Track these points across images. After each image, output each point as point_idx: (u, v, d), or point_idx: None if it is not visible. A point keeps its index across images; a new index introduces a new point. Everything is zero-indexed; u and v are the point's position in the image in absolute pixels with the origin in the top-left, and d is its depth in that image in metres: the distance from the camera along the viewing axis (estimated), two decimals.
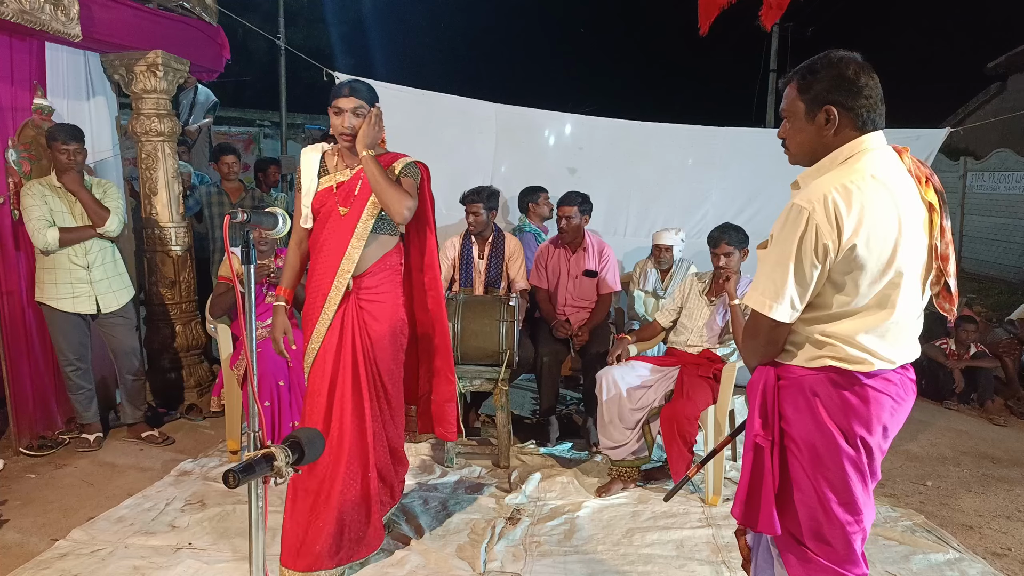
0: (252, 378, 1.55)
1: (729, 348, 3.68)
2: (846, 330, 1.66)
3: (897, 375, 1.72)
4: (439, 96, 5.19)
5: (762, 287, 1.68)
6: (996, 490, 3.71)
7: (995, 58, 13.78)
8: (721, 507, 3.35)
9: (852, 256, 1.59)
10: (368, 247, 2.62)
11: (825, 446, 1.70)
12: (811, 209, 1.58)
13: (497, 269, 4.41)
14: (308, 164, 2.71)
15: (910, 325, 1.72)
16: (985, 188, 10.89)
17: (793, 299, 1.64)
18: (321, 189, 2.66)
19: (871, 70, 1.68)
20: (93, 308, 3.84)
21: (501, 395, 3.78)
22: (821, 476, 1.71)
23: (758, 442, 1.77)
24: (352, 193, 2.62)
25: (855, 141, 1.67)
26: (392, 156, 2.70)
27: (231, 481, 1.42)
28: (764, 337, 1.73)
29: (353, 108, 2.57)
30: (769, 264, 1.67)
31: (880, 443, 1.72)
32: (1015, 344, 5.42)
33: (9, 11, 3.31)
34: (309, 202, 2.69)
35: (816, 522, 1.73)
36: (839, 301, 1.65)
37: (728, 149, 5.33)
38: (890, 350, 1.68)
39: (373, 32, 21.24)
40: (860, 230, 1.57)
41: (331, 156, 2.71)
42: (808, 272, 1.61)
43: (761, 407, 1.78)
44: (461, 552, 2.91)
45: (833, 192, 1.58)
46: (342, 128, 2.57)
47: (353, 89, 2.59)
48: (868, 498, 1.75)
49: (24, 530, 3.03)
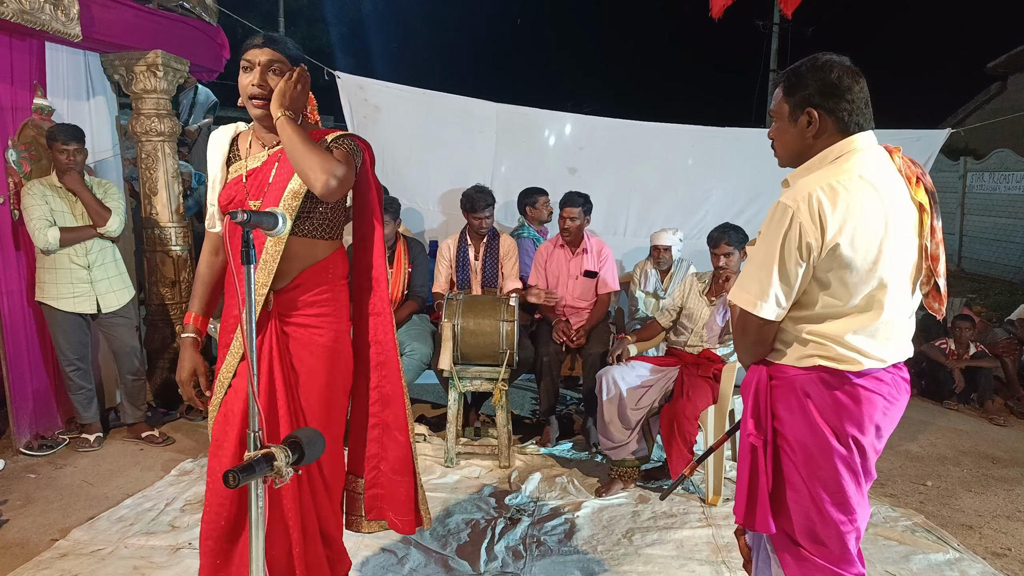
0: (252, 378, 1.54)
1: (729, 348, 3.68)
2: (835, 330, 1.67)
3: (889, 374, 1.72)
4: (439, 96, 5.20)
5: (748, 285, 1.69)
6: (996, 490, 3.71)
7: (995, 58, 13.79)
8: (721, 507, 3.35)
9: (836, 255, 1.60)
10: (291, 252, 1.96)
11: (817, 446, 1.70)
12: (795, 207, 1.60)
13: (493, 268, 4.42)
14: (215, 148, 2.08)
15: (901, 325, 1.72)
16: (985, 188, 10.89)
17: (778, 297, 1.65)
18: (230, 180, 2.04)
19: (857, 74, 1.69)
20: (93, 308, 3.84)
21: (501, 395, 3.78)
22: (814, 476, 1.71)
23: (752, 442, 1.78)
24: (265, 182, 1.98)
25: (845, 141, 1.68)
26: (324, 131, 2.08)
27: (231, 481, 1.41)
28: (752, 335, 1.74)
29: (267, 62, 1.92)
30: (755, 262, 1.69)
31: (873, 443, 1.72)
32: (1015, 344, 5.41)
33: (9, 11, 3.31)
34: (215, 198, 2.06)
35: (810, 521, 1.74)
36: (826, 301, 1.66)
37: (728, 149, 5.34)
38: (880, 349, 1.68)
39: (373, 32, 21.26)
40: (844, 229, 1.58)
41: (245, 137, 2.08)
42: (792, 270, 1.63)
43: (754, 407, 1.79)
44: (461, 552, 2.91)
45: (818, 191, 1.59)
46: (251, 88, 1.92)
47: (270, 39, 1.97)
48: (862, 498, 1.75)
49: (24, 530, 3.03)
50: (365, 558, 2.81)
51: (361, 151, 2.05)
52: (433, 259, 4.60)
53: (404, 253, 4.23)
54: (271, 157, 2.00)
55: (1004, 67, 13.75)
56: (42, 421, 3.96)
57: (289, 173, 1.93)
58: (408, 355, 3.99)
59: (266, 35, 1.98)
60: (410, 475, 2.18)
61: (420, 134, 5.18)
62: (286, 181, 1.94)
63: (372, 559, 2.80)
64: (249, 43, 1.97)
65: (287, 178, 1.94)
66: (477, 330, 3.83)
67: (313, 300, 2.02)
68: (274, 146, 2.00)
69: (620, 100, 17.18)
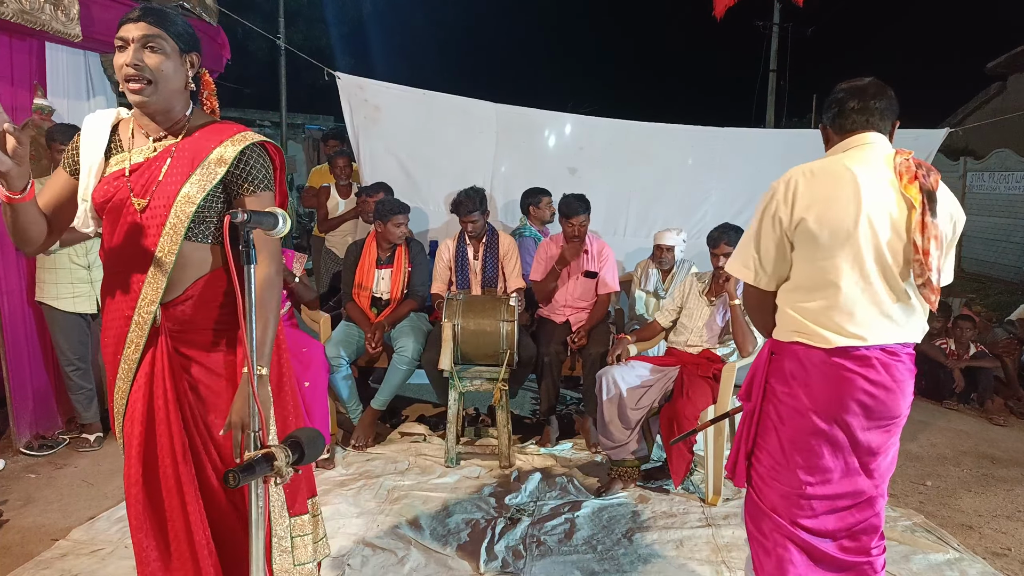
0: (252, 378, 1.54)
1: (729, 348, 3.68)
2: (812, 306, 1.84)
3: (876, 357, 1.81)
4: (439, 96, 5.20)
5: (737, 253, 1.98)
6: (996, 490, 3.71)
7: (995, 58, 13.78)
8: (721, 507, 3.35)
9: (804, 229, 1.80)
10: (184, 259, 1.74)
11: (797, 415, 1.87)
12: (777, 187, 1.86)
13: (493, 269, 4.42)
14: (93, 136, 1.81)
15: (883, 307, 1.83)
16: (985, 188, 10.89)
17: (757, 264, 1.91)
18: (109, 174, 1.78)
19: (856, 88, 1.92)
20: (93, 308, 3.84)
21: (501, 395, 3.78)
22: (792, 443, 1.88)
23: (744, 407, 2.02)
24: (154, 179, 1.74)
25: (845, 140, 1.91)
26: (222, 128, 1.82)
27: (231, 481, 1.41)
28: (750, 301, 2.04)
29: (142, 38, 1.66)
30: (745, 235, 1.95)
31: (861, 422, 1.83)
32: (1015, 344, 5.42)
33: (9, 11, 3.31)
34: (88, 193, 1.80)
35: (774, 471, 1.91)
36: (802, 275, 1.85)
37: (728, 149, 5.34)
38: (859, 328, 1.81)
39: (373, 32, 21.26)
40: (813, 207, 1.79)
41: (126, 126, 1.82)
42: (766, 239, 1.88)
43: (750, 376, 2.01)
44: (461, 552, 2.91)
45: (799, 173, 1.84)
46: (125, 70, 1.66)
47: (147, 11, 1.69)
48: (846, 475, 1.87)
49: (24, 530, 3.03)
50: (365, 558, 2.81)
51: (272, 161, 1.85)
52: (433, 259, 4.60)
53: (404, 253, 4.23)
54: (162, 152, 1.76)
55: (1004, 67, 13.75)
56: (42, 421, 3.96)
57: (183, 175, 1.73)
58: (399, 352, 3.99)
59: (145, 6, 1.71)
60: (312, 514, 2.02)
61: (420, 134, 5.18)
62: (180, 183, 1.72)
63: (372, 559, 2.81)
64: (124, 17, 1.69)
65: (181, 180, 1.73)
66: (477, 330, 3.83)
67: (213, 312, 1.79)
68: (161, 138, 1.78)
69: (620, 100, 17.19)
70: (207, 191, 1.73)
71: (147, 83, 1.68)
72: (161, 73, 1.69)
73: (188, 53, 1.76)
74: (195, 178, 1.73)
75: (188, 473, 1.78)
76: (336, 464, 3.75)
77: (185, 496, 1.77)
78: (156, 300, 1.74)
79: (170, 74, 1.71)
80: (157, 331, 1.77)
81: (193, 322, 1.78)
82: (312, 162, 13.72)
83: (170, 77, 1.72)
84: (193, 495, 1.77)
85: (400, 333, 4.07)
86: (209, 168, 1.74)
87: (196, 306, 1.78)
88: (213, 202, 1.75)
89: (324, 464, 3.69)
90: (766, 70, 15.56)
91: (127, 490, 1.80)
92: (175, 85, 1.74)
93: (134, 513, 1.79)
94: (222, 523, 1.83)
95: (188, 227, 1.72)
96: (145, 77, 1.68)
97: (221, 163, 1.75)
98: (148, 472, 1.78)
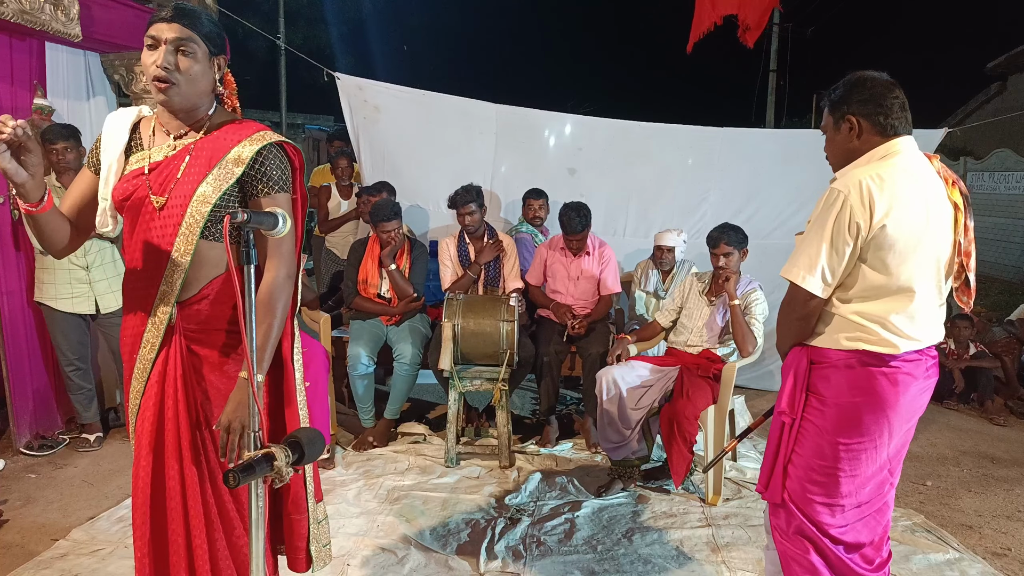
0: (252, 378, 1.54)
1: (729, 348, 3.68)
2: (878, 311, 1.82)
3: (922, 357, 1.87)
4: (439, 96, 5.20)
5: (798, 260, 1.86)
6: (996, 490, 3.71)
7: (995, 58, 13.78)
8: (721, 507, 3.35)
9: (883, 235, 1.76)
10: (200, 258, 1.74)
11: (851, 416, 1.86)
12: (847, 192, 1.78)
13: (494, 268, 4.42)
14: (114, 134, 1.81)
15: (935, 309, 1.89)
16: (985, 188, 10.89)
17: (825, 272, 1.82)
18: (129, 172, 1.78)
19: (892, 84, 1.90)
20: (92, 308, 3.84)
21: (501, 395, 3.79)
22: (836, 443, 1.87)
23: (783, 420, 1.96)
24: (172, 177, 1.74)
25: (890, 143, 1.86)
26: (241, 127, 1.80)
27: (231, 481, 1.41)
28: (798, 311, 1.90)
29: (174, 40, 1.67)
30: (806, 242, 1.85)
31: (902, 424, 1.88)
32: (1014, 344, 5.41)
33: (9, 11, 3.31)
34: (109, 192, 1.79)
35: (811, 472, 1.90)
36: (870, 282, 1.82)
37: (727, 150, 5.33)
38: (917, 331, 1.85)
39: (373, 32, 21.26)
40: (891, 212, 1.75)
41: (148, 124, 1.83)
42: (840, 248, 1.80)
43: (792, 389, 1.95)
44: (461, 552, 2.91)
45: (867, 179, 1.78)
46: (154, 70, 1.67)
47: (180, 12, 1.69)
48: (876, 478, 1.91)
49: (24, 530, 3.03)
50: (365, 558, 2.81)
51: (291, 169, 1.82)
52: (433, 259, 4.60)
53: (406, 253, 4.24)
54: (181, 151, 1.76)
55: (1004, 67, 13.74)
56: (42, 421, 3.96)
57: (201, 174, 1.73)
58: (398, 359, 4.01)
59: (177, 6, 1.71)
60: (305, 516, 1.98)
61: (420, 135, 5.18)
62: (197, 182, 1.72)
63: (372, 559, 2.81)
64: (156, 16, 1.69)
65: (198, 179, 1.72)
66: (477, 330, 3.83)
67: (225, 312, 1.79)
68: (181, 136, 1.78)
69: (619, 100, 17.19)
70: (223, 191, 1.73)
71: (175, 85, 1.69)
72: (191, 76, 1.70)
73: (217, 56, 1.77)
74: (212, 177, 1.73)
75: (192, 476, 1.79)
76: (336, 464, 3.75)
77: (188, 499, 1.78)
78: (172, 298, 1.74)
79: (199, 77, 1.73)
80: (172, 330, 1.78)
81: (209, 322, 1.78)
82: (312, 162, 13.73)
83: (199, 80, 1.73)
84: (195, 498, 1.78)
85: (399, 339, 4.08)
86: (226, 167, 1.74)
87: (212, 305, 1.78)
88: (229, 201, 1.75)
89: (324, 464, 3.69)
90: (766, 70, 15.54)
91: (134, 490, 1.80)
92: (203, 87, 1.75)
93: (139, 513, 1.79)
94: (229, 525, 1.84)
95: (204, 226, 1.72)
96: (173, 79, 1.68)
97: (238, 162, 1.74)
98: (156, 473, 1.79)
